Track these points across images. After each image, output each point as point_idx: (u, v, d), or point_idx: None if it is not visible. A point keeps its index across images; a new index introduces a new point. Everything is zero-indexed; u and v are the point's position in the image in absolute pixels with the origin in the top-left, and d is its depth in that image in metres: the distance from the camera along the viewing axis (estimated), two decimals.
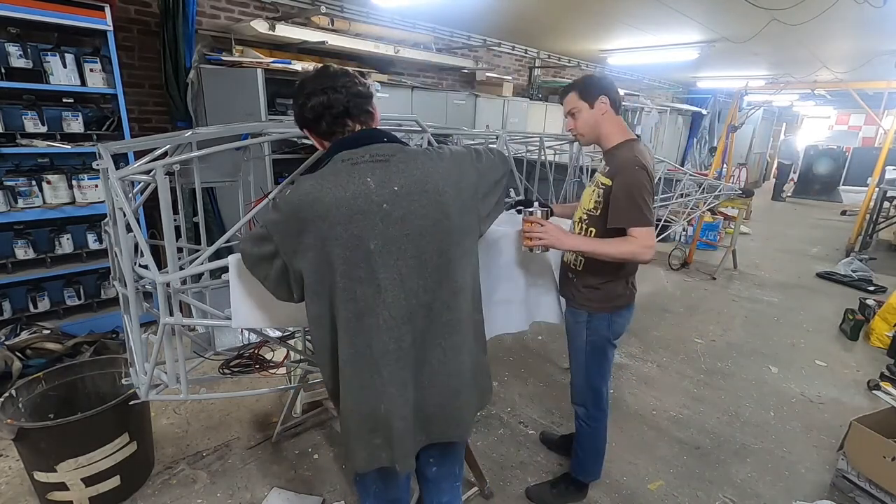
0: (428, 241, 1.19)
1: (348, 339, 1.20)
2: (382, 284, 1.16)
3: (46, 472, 1.96)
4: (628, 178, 1.74)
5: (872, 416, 2.45)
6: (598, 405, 2.17)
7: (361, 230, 1.13)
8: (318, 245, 1.14)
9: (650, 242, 1.74)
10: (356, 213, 1.13)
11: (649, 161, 1.81)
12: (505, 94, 6.27)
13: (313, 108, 1.20)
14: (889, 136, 6.89)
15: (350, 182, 1.14)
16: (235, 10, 4.32)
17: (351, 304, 1.17)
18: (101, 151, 1.58)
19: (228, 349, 2.04)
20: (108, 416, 2.00)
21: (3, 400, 2.04)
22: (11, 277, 3.21)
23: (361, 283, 1.16)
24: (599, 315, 2.01)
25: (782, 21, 4.54)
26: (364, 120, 1.24)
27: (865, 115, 11.61)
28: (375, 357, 1.19)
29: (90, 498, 2.06)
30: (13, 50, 3.02)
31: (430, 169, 1.20)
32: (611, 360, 2.14)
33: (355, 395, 1.23)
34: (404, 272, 1.18)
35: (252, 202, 1.79)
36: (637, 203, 1.72)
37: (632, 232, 1.73)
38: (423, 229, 1.18)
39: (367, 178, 1.14)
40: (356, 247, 1.14)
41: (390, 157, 1.18)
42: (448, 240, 1.22)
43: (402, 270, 1.18)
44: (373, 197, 1.14)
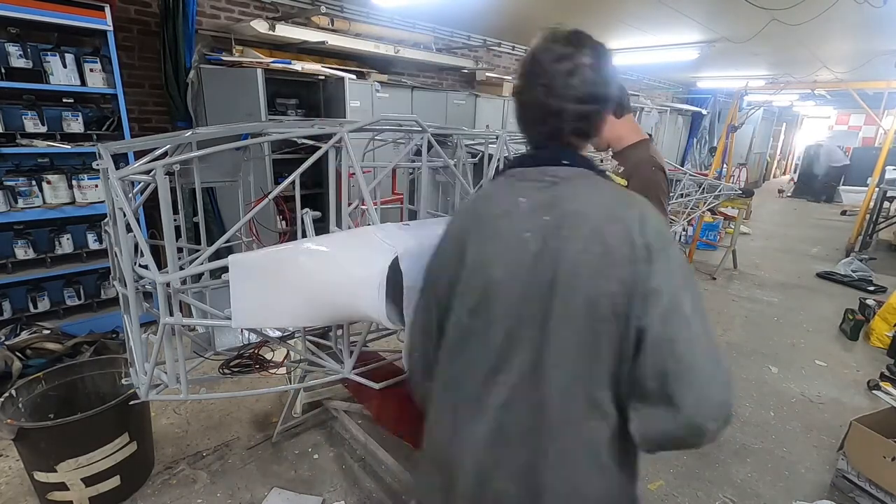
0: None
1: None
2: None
3: (46, 472, 1.96)
4: (646, 179, 1.71)
5: (872, 416, 2.45)
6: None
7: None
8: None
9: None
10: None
11: (664, 162, 1.80)
12: (505, 94, 6.26)
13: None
14: (889, 136, 6.89)
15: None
16: (235, 10, 4.32)
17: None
18: (101, 151, 1.58)
19: (228, 349, 2.04)
20: (108, 416, 2.00)
21: (3, 400, 2.05)
22: (11, 277, 3.21)
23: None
24: None
25: (782, 21, 4.54)
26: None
27: (865, 115, 11.60)
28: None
29: (90, 498, 2.06)
30: (13, 50, 3.02)
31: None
32: None
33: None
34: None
35: (252, 202, 1.79)
36: (656, 205, 1.73)
37: None
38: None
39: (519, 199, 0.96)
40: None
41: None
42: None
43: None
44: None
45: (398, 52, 5.03)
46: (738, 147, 11.25)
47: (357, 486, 2.32)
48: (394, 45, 5.02)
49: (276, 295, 1.49)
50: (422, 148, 2.06)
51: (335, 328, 1.98)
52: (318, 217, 1.78)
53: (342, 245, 1.54)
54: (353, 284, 1.45)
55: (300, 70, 4.16)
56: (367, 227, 1.65)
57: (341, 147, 1.75)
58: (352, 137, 1.73)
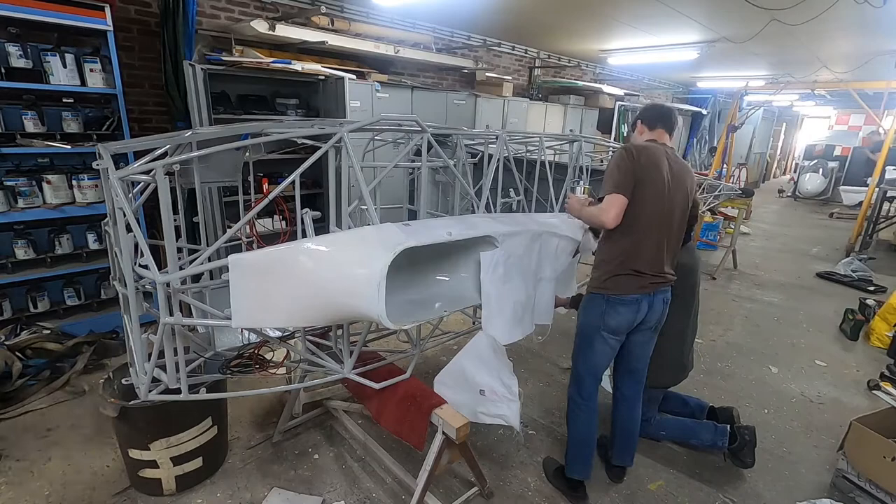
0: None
1: None
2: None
3: (141, 449, 2.09)
4: (613, 155, 2.09)
5: (872, 416, 2.44)
6: (578, 391, 2.25)
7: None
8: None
9: (606, 207, 1.96)
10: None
11: (644, 148, 2.03)
12: (505, 94, 6.27)
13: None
14: (889, 136, 6.89)
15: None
16: (235, 10, 4.32)
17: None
18: (101, 151, 1.58)
19: (228, 349, 2.04)
20: (197, 401, 2.04)
21: (103, 382, 2.17)
22: (11, 277, 3.21)
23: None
24: (594, 298, 2.13)
25: (782, 21, 4.54)
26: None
27: (865, 115, 11.59)
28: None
29: (177, 476, 2.18)
30: (13, 50, 3.02)
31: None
32: (599, 354, 2.16)
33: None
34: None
35: (253, 202, 1.79)
36: (607, 174, 2.01)
37: (604, 200, 2.01)
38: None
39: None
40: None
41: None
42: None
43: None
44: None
45: (398, 52, 5.03)
46: (738, 147, 11.26)
47: (357, 486, 2.32)
48: (394, 45, 5.02)
49: (276, 295, 1.49)
50: (422, 148, 2.06)
51: (335, 328, 1.98)
52: (317, 217, 1.78)
53: (342, 245, 1.54)
54: (353, 284, 1.46)
55: (300, 70, 4.16)
56: (367, 227, 1.66)
57: (341, 147, 1.75)
58: (352, 137, 1.73)
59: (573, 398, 2.27)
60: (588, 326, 2.16)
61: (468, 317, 2.78)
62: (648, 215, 2.00)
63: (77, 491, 2.21)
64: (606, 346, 2.15)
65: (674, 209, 2.08)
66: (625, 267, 2.05)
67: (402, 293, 1.87)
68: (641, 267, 2.04)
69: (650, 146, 2.05)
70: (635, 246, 2.03)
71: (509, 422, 1.97)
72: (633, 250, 2.03)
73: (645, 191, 1.97)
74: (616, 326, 2.10)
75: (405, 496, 2.23)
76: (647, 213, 2.00)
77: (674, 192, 2.05)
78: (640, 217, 1.99)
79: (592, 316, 2.14)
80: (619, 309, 2.07)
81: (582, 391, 2.23)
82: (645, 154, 2.00)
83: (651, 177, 1.98)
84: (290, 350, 1.98)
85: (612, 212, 1.93)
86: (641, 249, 2.03)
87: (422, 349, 2.17)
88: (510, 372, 1.98)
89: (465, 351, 1.97)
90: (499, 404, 1.97)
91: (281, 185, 1.59)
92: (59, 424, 2.66)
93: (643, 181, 1.96)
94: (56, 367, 3.06)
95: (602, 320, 2.10)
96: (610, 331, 2.11)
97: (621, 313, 2.08)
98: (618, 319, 2.09)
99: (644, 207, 1.99)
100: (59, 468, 2.34)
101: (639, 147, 2.02)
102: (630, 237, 2.02)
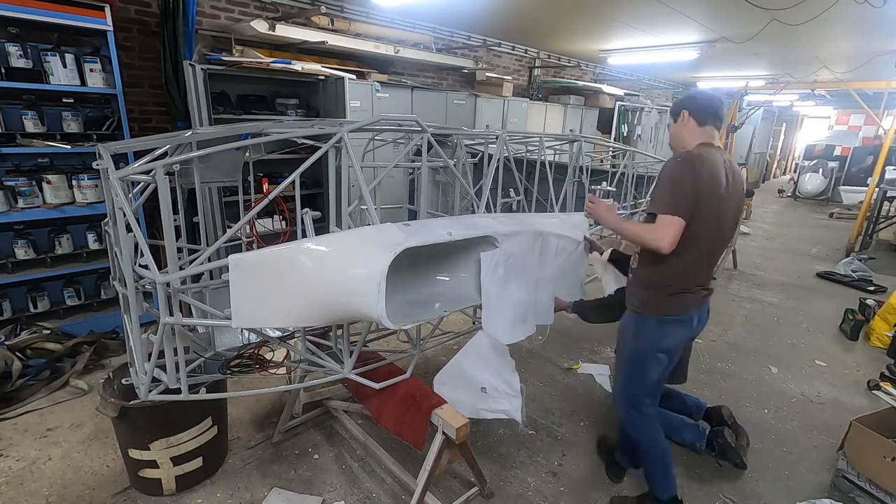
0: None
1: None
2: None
3: (141, 449, 2.09)
4: (666, 166, 1.84)
5: (872, 416, 2.44)
6: (638, 411, 2.10)
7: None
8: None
9: (662, 232, 1.73)
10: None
11: (706, 159, 1.80)
12: (505, 94, 6.27)
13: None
14: (889, 135, 6.89)
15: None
16: (235, 10, 4.32)
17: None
18: (101, 151, 1.58)
19: (228, 349, 2.04)
20: (197, 401, 2.04)
21: (103, 381, 2.17)
22: (11, 277, 3.21)
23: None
24: (645, 320, 1.98)
25: (782, 21, 4.54)
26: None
27: (865, 115, 11.59)
28: None
29: (177, 476, 2.18)
30: (13, 50, 3.02)
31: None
32: (655, 373, 2.03)
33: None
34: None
35: (253, 202, 1.79)
36: (663, 188, 1.80)
37: (657, 219, 1.78)
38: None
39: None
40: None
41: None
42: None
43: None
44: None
45: (398, 52, 5.03)
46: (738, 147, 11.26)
47: (357, 486, 2.32)
48: (394, 45, 5.02)
49: (275, 295, 1.49)
50: (422, 148, 2.06)
51: (335, 328, 1.98)
52: (317, 217, 1.78)
53: (342, 245, 1.54)
54: (353, 284, 1.46)
55: (300, 70, 4.16)
56: (367, 227, 1.66)
57: (341, 147, 1.75)
58: (352, 137, 1.73)
59: (634, 421, 2.12)
60: (641, 350, 2.02)
61: (468, 317, 2.78)
62: (706, 237, 1.84)
63: (77, 491, 2.21)
64: (661, 365, 2.03)
65: (729, 224, 1.95)
66: (678, 287, 1.92)
67: (402, 293, 1.87)
68: (695, 284, 1.94)
69: (710, 156, 1.83)
70: (690, 267, 1.89)
71: (512, 416, 1.98)
72: (687, 271, 1.90)
73: (705, 210, 1.78)
74: (671, 346, 2.01)
75: (405, 496, 2.23)
76: (705, 234, 1.83)
77: (731, 208, 1.91)
78: (697, 238, 1.81)
79: (645, 339, 2.00)
80: (674, 329, 1.97)
81: (643, 409, 2.10)
82: (707, 167, 1.79)
83: (712, 192, 1.79)
84: (290, 350, 1.98)
85: (668, 237, 1.73)
86: (697, 269, 1.92)
87: (422, 349, 2.17)
88: (512, 369, 1.99)
89: (465, 350, 1.97)
90: (500, 400, 1.98)
91: (281, 185, 1.59)
92: (59, 424, 2.66)
93: (703, 199, 1.77)
94: (56, 367, 3.06)
95: (657, 342, 1.98)
96: (665, 351, 2.00)
97: (676, 333, 1.98)
98: (673, 339, 1.99)
99: (701, 228, 1.80)
100: (59, 468, 2.34)
101: (700, 158, 1.80)
102: (684, 259, 1.85)
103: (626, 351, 2.09)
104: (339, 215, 1.87)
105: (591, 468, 2.52)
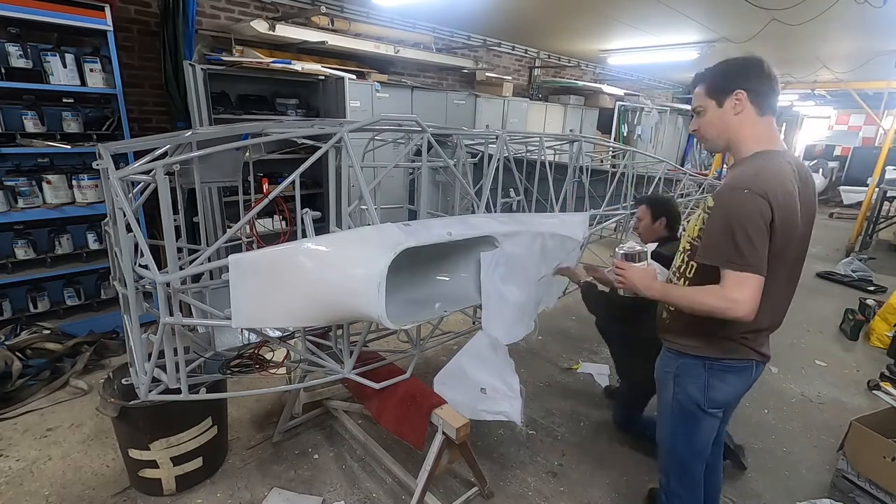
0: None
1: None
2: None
3: (141, 449, 2.09)
4: (728, 201, 1.34)
5: (872, 416, 2.44)
6: (679, 479, 1.71)
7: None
8: None
9: (739, 295, 1.29)
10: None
11: (777, 182, 1.32)
12: (505, 94, 6.27)
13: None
14: (889, 135, 6.89)
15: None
16: (235, 10, 4.32)
17: None
18: (101, 151, 1.58)
19: (228, 349, 2.04)
20: (197, 401, 2.03)
21: (103, 381, 2.16)
22: (11, 277, 3.21)
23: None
24: (692, 365, 1.55)
25: (782, 21, 4.54)
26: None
27: (865, 116, 11.59)
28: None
29: (177, 476, 2.18)
30: (13, 50, 3.02)
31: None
32: (706, 431, 1.62)
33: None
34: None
35: (253, 202, 1.79)
36: (725, 233, 1.32)
37: (723, 274, 1.34)
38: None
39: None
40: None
41: None
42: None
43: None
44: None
45: (398, 52, 5.03)
46: None
47: (357, 486, 2.32)
48: (394, 45, 5.02)
49: (275, 295, 1.49)
50: (422, 148, 2.06)
51: (335, 328, 1.98)
52: (317, 217, 1.78)
53: (342, 245, 1.54)
54: (353, 284, 1.46)
55: (300, 70, 4.16)
56: (367, 227, 1.65)
57: (341, 147, 1.75)
58: (352, 137, 1.73)
59: (672, 490, 1.72)
60: (686, 403, 1.58)
61: (468, 317, 2.78)
62: (778, 270, 1.41)
63: (77, 491, 2.21)
64: (714, 420, 1.60)
65: (805, 247, 1.50)
66: (735, 332, 1.47)
67: (402, 293, 1.87)
68: (761, 323, 1.47)
69: (779, 170, 1.36)
70: (763, 309, 1.39)
71: (511, 417, 1.97)
72: (760, 312, 1.39)
73: (781, 242, 1.36)
74: (725, 401, 1.58)
75: (405, 496, 2.22)
76: (778, 267, 1.41)
77: (805, 225, 1.44)
78: (770, 273, 1.37)
79: (691, 389, 1.56)
80: (729, 379, 1.53)
81: (686, 480, 1.69)
82: (781, 191, 1.32)
83: (788, 218, 1.35)
84: (290, 350, 1.98)
85: (749, 303, 1.30)
86: (768, 307, 1.41)
87: (422, 349, 2.17)
88: (511, 370, 1.98)
89: (464, 350, 1.97)
90: (500, 401, 1.97)
91: (281, 185, 1.59)
92: (59, 424, 2.66)
93: (779, 232, 1.34)
94: (56, 367, 3.06)
95: (705, 395, 1.54)
96: (717, 406, 1.57)
97: (731, 384, 1.54)
98: (727, 392, 1.56)
99: (775, 263, 1.38)
100: (59, 468, 2.34)
101: (772, 184, 1.31)
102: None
103: (668, 403, 1.64)
104: (339, 215, 1.87)
105: (591, 468, 2.52)
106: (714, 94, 1.46)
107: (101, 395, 2.08)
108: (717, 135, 1.50)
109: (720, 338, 1.49)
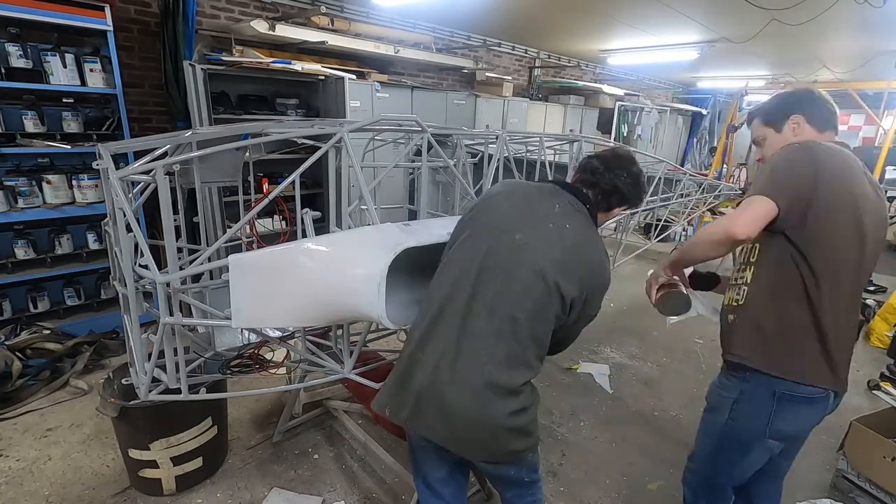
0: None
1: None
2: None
3: (141, 449, 2.10)
4: (779, 153, 1.37)
5: (872, 416, 2.45)
6: (711, 500, 1.59)
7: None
8: None
9: (739, 209, 1.28)
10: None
11: (837, 151, 1.33)
12: (505, 94, 6.27)
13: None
14: (889, 136, 6.89)
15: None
16: (235, 10, 4.32)
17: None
18: (101, 151, 1.58)
19: (228, 349, 2.04)
20: (197, 401, 2.03)
21: (103, 381, 2.16)
22: (11, 277, 3.21)
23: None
24: (754, 386, 1.37)
25: (782, 21, 4.54)
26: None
27: (865, 116, 11.59)
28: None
29: (177, 476, 2.19)
30: (13, 50, 3.02)
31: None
32: (755, 462, 1.46)
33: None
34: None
35: (253, 202, 1.79)
36: (769, 172, 1.33)
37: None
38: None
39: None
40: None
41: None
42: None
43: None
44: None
45: (398, 52, 5.03)
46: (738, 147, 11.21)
47: (357, 486, 2.32)
48: (394, 45, 5.02)
49: (275, 295, 1.49)
50: (422, 148, 2.06)
51: (335, 328, 1.98)
52: (317, 217, 1.78)
53: (342, 245, 1.54)
54: (353, 284, 1.46)
55: (300, 70, 4.16)
56: (367, 226, 1.65)
57: (341, 147, 1.75)
58: (352, 137, 1.73)
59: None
60: (745, 431, 1.41)
61: None
62: (840, 263, 1.30)
63: (77, 491, 2.21)
64: (767, 452, 1.43)
65: (871, 256, 1.38)
66: (809, 339, 1.32)
67: (403, 293, 1.87)
68: (830, 342, 1.32)
69: (843, 151, 1.35)
70: (822, 307, 1.30)
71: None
72: (817, 314, 1.30)
73: (839, 217, 1.27)
74: (791, 433, 1.41)
75: (405, 496, 2.22)
76: (840, 257, 1.30)
77: (873, 230, 1.34)
78: (829, 263, 1.28)
79: (753, 416, 1.38)
80: (800, 409, 1.35)
81: (717, 502, 1.58)
82: (840, 159, 1.30)
83: (846, 188, 1.29)
84: (290, 350, 1.98)
85: (743, 216, 1.26)
86: (833, 314, 1.31)
87: None
88: None
89: None
90: None
91: (281, 185, 1.59)
92: (59, 424, 2.66)
93: (831, 202, 1.26)
94: (56, 367, 3.06)
95: (768, 424, 1.36)
96: (779, 438, 1.39)
97: (802, 415, 1.37)
98: (797, 424, 1.39)
99: (837, 248, 1.29)
100: (59, 468, 2.34)
101: (830, 149, 1.32)
102: (814, 293, 1.30)
103: (721, 426, 1.46)
104: (339, 215, 1.87)
105: (591, 468, 2.52)
106: (771, 122, 1.51)
107: (101, 395, 2.08)
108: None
109: (792, 354, 1.33)
